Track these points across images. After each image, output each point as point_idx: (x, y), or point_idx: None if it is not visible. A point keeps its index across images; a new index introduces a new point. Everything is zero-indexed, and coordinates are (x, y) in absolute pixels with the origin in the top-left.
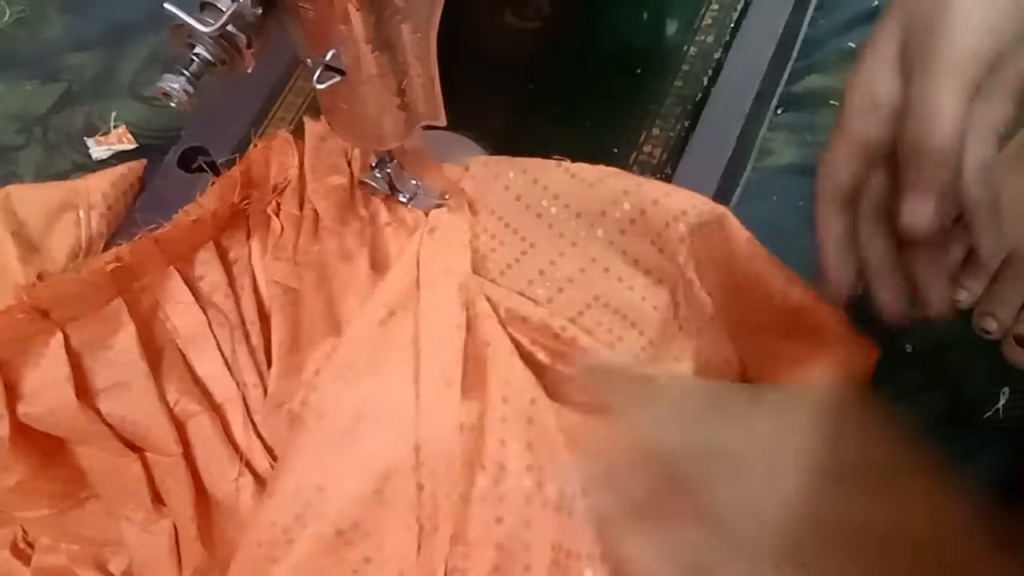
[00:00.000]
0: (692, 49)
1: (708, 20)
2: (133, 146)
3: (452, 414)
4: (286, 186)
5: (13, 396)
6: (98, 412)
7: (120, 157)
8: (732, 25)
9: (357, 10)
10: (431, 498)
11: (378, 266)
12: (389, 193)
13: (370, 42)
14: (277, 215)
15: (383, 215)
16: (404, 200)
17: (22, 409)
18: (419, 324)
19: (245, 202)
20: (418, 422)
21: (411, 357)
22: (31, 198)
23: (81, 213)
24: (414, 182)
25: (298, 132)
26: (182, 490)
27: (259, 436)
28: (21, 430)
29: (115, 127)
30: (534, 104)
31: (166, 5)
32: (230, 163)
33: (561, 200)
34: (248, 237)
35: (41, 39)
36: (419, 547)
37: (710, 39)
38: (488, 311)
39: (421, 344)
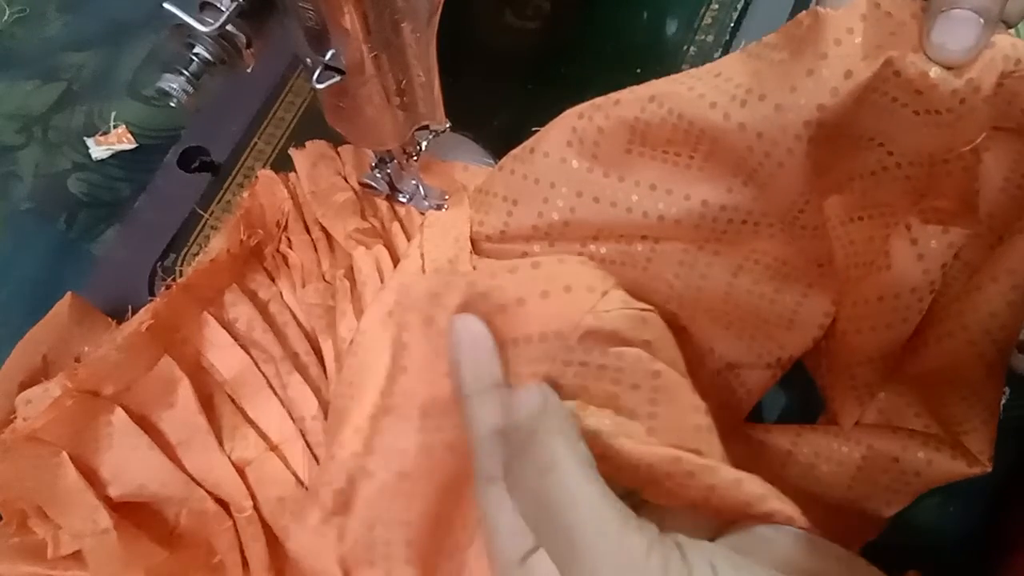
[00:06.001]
0: (692, 48)
1: (708, 19)
2: (133, 146)
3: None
4: (287, 220)
5: (99, 485)
6: (185, 471)
7: (120, 157)
8: (732, 24)
9: (357, 10)
10: (445, 493)
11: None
12: (389, 193)
13: (370, 42)
14: (290, 247)
15: (389, 218)
16: (404, 200)
17: (114, 492)
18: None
19: (254, 239)
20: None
21: None
22: None
23: None
24: (414, 182)
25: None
26: (257, 545)
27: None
28: (122, 515)
29: (115, 127)
30: (534, 104)
31: (166, 5)
32: (230, 162)
33: None
34: (273, 280)
35: (40, 38)
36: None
37: (710, 38)
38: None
39: None
